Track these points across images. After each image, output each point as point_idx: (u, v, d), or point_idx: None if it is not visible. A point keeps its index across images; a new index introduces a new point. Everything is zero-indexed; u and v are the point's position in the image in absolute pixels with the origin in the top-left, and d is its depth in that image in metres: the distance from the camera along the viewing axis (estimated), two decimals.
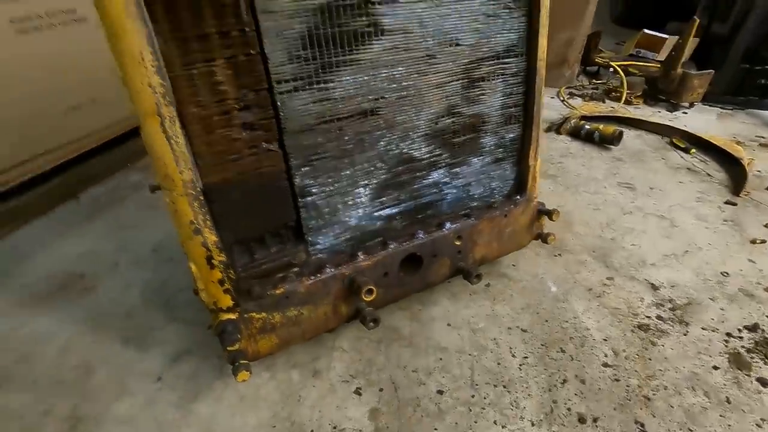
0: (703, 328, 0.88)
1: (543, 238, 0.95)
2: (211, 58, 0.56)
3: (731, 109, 1.94)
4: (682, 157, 1.54)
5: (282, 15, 0.58)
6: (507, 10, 0.76)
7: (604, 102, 1.99)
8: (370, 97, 0.69)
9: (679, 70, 1.83)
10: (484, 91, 0.79)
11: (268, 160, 0.65)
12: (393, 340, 0.86)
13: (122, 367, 0.80)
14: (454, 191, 0.85)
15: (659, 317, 0.91)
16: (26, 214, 1.18)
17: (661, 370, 0.80)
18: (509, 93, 0.83)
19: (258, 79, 0.59)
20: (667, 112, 1.90)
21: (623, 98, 1.92)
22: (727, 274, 1.02)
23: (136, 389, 0.76)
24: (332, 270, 0.74)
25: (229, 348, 0.65)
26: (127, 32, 0.48)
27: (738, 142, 1.63)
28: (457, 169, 0.84)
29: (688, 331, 0.88)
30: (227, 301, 0.66)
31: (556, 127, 1.70)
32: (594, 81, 2.18)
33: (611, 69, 2.07)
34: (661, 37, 2.21)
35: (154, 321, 0.90)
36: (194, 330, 0.88)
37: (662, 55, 2.08)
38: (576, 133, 1.65)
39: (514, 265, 1.05)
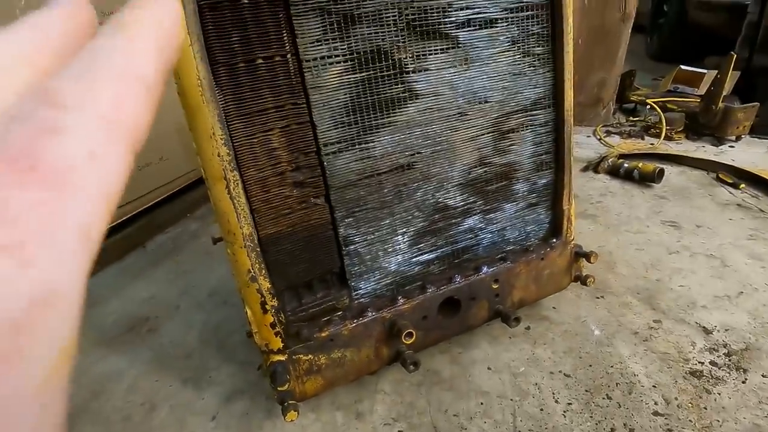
0: (763, 376, 0.83)
1: (582, 280, 0.95)
2: (268, 128, 0.65)
3: None
4: (730, 192, 1.49)
5: (328, 89, 0.67)
6: (532, 68, 0.82)
7: (643, 139, 1.97)
8: (406, 153, 0.75)
9: (721, 105, 1.80)
10: (513, 142, 0.84)
11: (316, 214, 0.72)
12: (434, 383, 0.88)
13: (182, 406, 0.87)
14: (490, 236, 0.89)
15: (713, 363, 0.87)
16: (103, 262, 1.32)
17: (718, 420, 0.76)
18: (539, 142, 0.87)
19: (308, 143, 0.68)
20: (712, 147, 1.85)
21: (663, 134, 1.89)
22: None
23: (194, 427, 0.82)
24: (374, 313, 0.78)
25: (279, 388, 0.70)
26: (202, 114, 0.58)
27: None
28: (492, 215, 0.87)
29: (746, 379, 0.83)
30: (277, 343, 0.72)
31: (594, 166, 1.71)
32: (631, 118, 2.17)
33: (648, 106, 2.07)
34: (699, 72, 2.19)
35: (210, 362, 0.96)
36: (246, 370, 0.94)
37: (702, 90, 2.05)
38: (615, 172, 1.64)
39: (554, 308, 1.04)
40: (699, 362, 0.87)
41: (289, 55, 0.63)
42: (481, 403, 0.82)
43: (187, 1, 0.54)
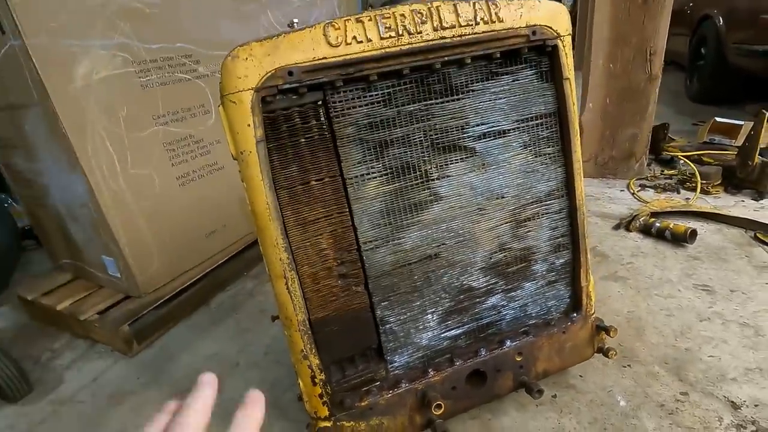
0: None
1: (604, 352, 1.01)
2: (319, 234, 0.80)
3: None
4: None
5: (367, 199, 0.82)
6: (544, 165, 0.93)
7: (678, 192, 1.99)
8: (433, 245, 0.88)
9: (758, 159, 1.80)
10: (530, 229, 0.95)
11: (357, 299, 0.85)
12: None
13: None
14: (512, 312, 0.98)
15: None
16: (174, 319, 1.52)
17: None
18: (554, 227, 0.97)
19: (350, 243, 0.82)
20: (752, 201, 1.83)
21: (698, 189, 1.90)
22: None
23: None
24: (407, 384, 0.89)
25: None
26: (269, 229, 0.74)
27: None
28: (513, 293, 0.97)
29: None
30: (324, 411, 0.84)
31: (626, 224, 1.74)
32: (666, 171, 2.18)
33: (681, 160, 2.08)
34: (735, 124, 2.19)
35: (265, 417, 1.10)
36: (295, 427, 1.06)
37: (739, 141, 2.05)
38: (647, 231, 1.67)
39: (581, 376, 1.10)
40: None
41: (336, 176, 0.79)
42: None
43: (260, 147, 0.72)
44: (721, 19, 3.07)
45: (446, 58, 0.78)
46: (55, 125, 1.22)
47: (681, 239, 1.56)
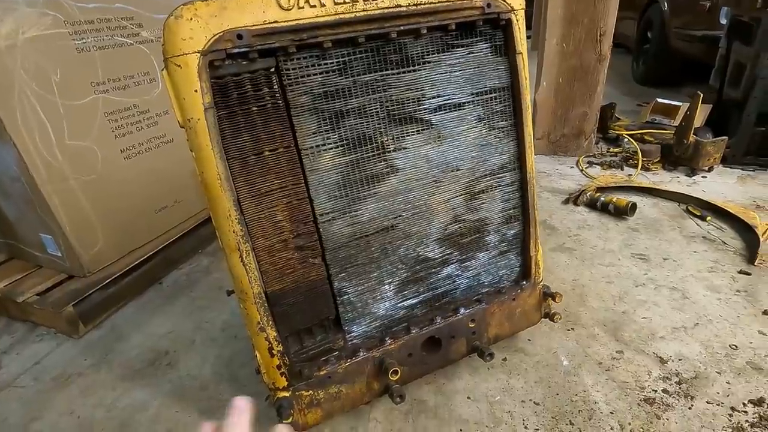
0: (708, 402, 0.95)
1: (550, 317, 1.08)
2: (274, 205, 0.79)
3: (753, 170, 1.99)
4: (698, 225, 1.61)
5: (323, 170, 0.81)
6: (498, 139, 0.96)
7: (622, 169, 2.11)
8: (390, 217, 0.89)
9: (692, 138, 1.93)
10: (483, 201, 0.98)
11: (314, 271, 0.85)
12: (420, 411, 1.00)
13: None
14: (466, 281, 1.02)
15: (665, 391, 0.99)
16: (124, 298, 1.46)
17: None
18: (507, 199, 1.00)
19: (306, 215, 0.82)
20: (686, 177, 1.98)
21: (639, 166, 2.03)
22: (736, 347, 1.08)
23: None
24: (365, 353, 0.91)
25: (284, 421, 0.82)
26: (221, 200, 0.72)
27: (758, 206, 1.69)
28: (467, 263, 1.01)
29: (692, 405, 0.95)
30: (283, 381, 0.85)
31: (574, 199, 1.84)
32: (612, 149, 2.30)
33: (625, 139, 2.20)
34: (674, 105, 2.33)
35: (224, 393, 1.09)
36: (255, 401, 1.06)
37: (677, 122, 2.19)
38: (592, 205, 1.77)
39: (530, 340, 1.17)
40: (653, 390, 0.99)
41: (290, 146, 0.78)
42: (461, 430, 0.94)
43: (208, 114, 0.69)
44: (666, 4, 3.22)
45: (402, 27, 0.77)
46: None
47: (622, 212, 1.67)
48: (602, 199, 1.73)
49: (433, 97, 0.86)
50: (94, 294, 1.36)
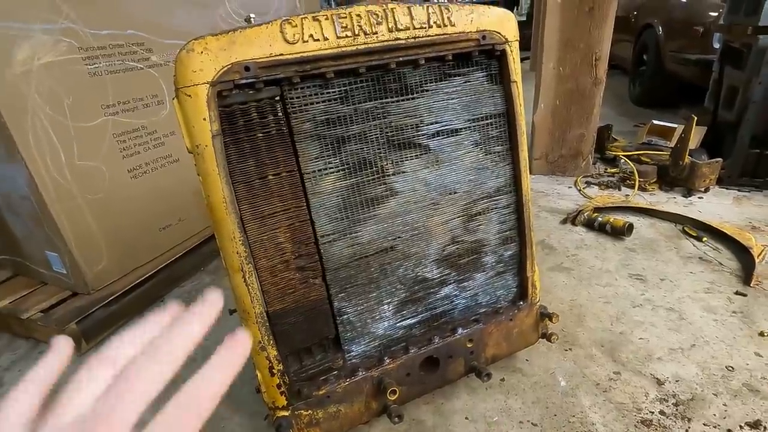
0: (704, 424, 0.96)
1: (547, 337, 1.09)
2: (277, 227, 0.81)
3: (748, 191, 2.02)
4: (694, 245, 1.63)
5: (324, 193, 0.84)
6: (494, 163, 0.99)
7: (619, 189, 2.14)
8: (389, 239, 0.91)
9: (687, 159, 1.97)
10: (480, 223, 1.00)
11: (315, 291, 0.87)
12: None
13: None
14: (464, 301, 1.04)
15: (662, 413, 0.99)
16: (126, 316, 1.47)
17: None
18: (503, 221, 1.03)
19: (308, 236, 0.84)
20: (683, 198, 2.01)
21: (636, 186, 2.06)
22: (733, 368, 1.09)
23: None
24: (364, 372, 0.92)
25: None
26: (225, 223, 0.75)
27: (754, 227, 1.71)
28: (465, 284, 1.03)
29: (689, 428, 0.95)
30: (282, 401, 0.86)
31: (572, 219, 1.86)
32: (609, 169, 2.34)
33: (622, 160, 2.24)
34: (670, 126, 2.38)
35: (224, 412, 1.10)
36: (254, 420, 1.07)
37: (673, 143, 2.23)
38: (590, 225, 1.79)
39: (527, 360, 1.17)
40: (650, 412, 1.00)
41: (293, 170, 0.81)
42: None
43: (216, 141, 0.72)
44: (660, 28, 3.31)
45: (401, 59, 0.81)
46: None
47: (620, 233, 1.69)
48: (600, 219, 1.75)
49: (431, 124, 0.90)
50: (97, 311, 1.38)
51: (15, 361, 1.34)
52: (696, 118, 1.89)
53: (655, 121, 2.46)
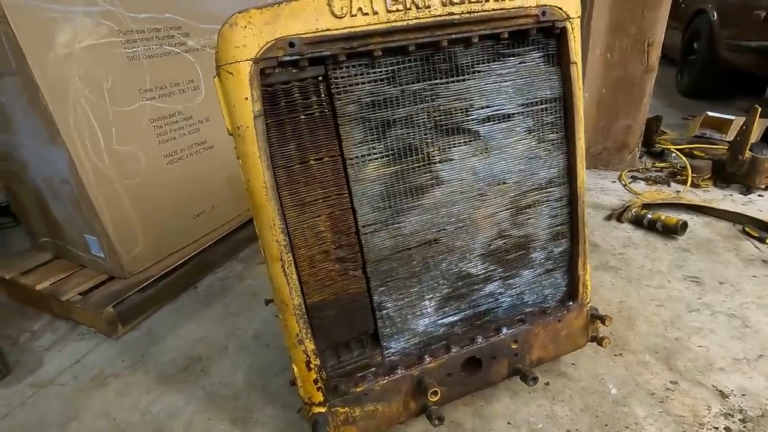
0: None
1: (598, 341, 1.02)
2: (317, 216, 0.77)
3: None
4: (756, 247, 1.50)
5: (367, 181, 0.79)
6: (547, 152, 0.91)
7: (669, 185, 2.00)
8: (433, 230, 0.86)
9: (748, 154, 1.82)
10: (530, 216, 0.93)
11: (354, 283, 0.83)
12: None
13: None
14: (509, 299, 0.97)
15: (728, 429, 0.90)
16: (160, 301, 1.48)
17: None
18: (554, 215, 0.96)
19: (349, 226, 0.80)
20: (741, 196, 1.86)
21: (688, 182, 1.92)
22: None
23: None
24: (403, 371, 0.88)
25: None
26: (265, 209, 0.71)
27: None
28: (511, 281, 0.96)
29: None
30: (319, 396, 0.82)
31: (617, 215, 1.75)
32: (657, 164, 2.20)
33: (673, 153, 2.10)
34: (727, 119, 2.21)
35: (255, 403, 1.08)
36: (286, 413, 1.04)
37: (729, 136, 2.07)
38: (638, 222, 1.68)
39: (573, 364, 1.10)
40: (713, 427, 0.91)
41: (336, 156, 0.76)
42: None
43: (257, 122, 0.68)
44: (715, 13, 3.08)
45: (453, 36, 0.75)
46: (35, 95, 1.15)
47: (672, 231, 1.58)
48: (649, 216, 1.64)
49: (482, 108, 0.84)
50: (133, 296, 1.39)
51: (55, 341, 1.37)
52: (759, 109, 1.73)
53: (710, 113, 2.29)
